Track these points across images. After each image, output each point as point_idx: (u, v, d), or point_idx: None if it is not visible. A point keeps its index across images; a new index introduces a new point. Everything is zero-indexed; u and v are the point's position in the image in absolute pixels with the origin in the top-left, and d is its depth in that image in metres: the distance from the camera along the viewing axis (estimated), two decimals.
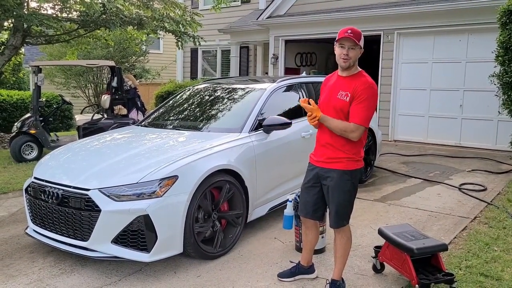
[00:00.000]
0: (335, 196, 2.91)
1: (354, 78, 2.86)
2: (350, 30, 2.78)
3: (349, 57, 2.80)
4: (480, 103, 8.56)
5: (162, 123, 4.94)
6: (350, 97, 2.80)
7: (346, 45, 2.80)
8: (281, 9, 11.40)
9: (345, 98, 2.82)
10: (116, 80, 8.35)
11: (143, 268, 3.53)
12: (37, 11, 9.21)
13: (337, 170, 2.89)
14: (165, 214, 3.31)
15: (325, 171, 2.94)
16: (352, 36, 2.76)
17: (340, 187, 2.89)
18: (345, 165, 2.88)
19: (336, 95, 2.86)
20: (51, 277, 3.39)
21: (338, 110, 2.84)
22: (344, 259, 3.06)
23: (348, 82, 2.86)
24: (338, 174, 2.88)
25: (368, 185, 6.06)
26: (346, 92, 2.82)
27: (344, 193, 2.91)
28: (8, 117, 11.67)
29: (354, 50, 2.80)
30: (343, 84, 2.88)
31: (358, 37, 2.78)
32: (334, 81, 2.96)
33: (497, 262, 3.53)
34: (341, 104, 2.83)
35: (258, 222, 4.45)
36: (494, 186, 5.86)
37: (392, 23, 9.49)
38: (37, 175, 3.83)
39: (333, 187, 2.91)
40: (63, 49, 14.13)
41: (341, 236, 3.02)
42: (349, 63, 2.82)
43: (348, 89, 2.82)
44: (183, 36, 10.43)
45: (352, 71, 2.89)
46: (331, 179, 2.90)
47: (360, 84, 2.81)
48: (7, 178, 6.34)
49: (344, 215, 2.96)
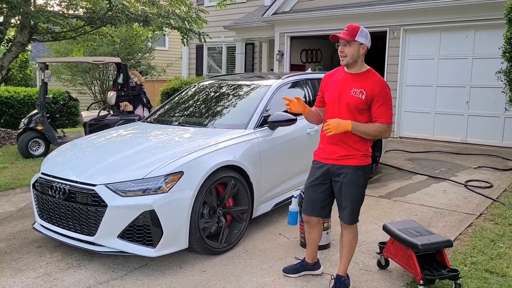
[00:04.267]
0: (350, 192, 2.92)
1: (365, 76, 2.86)
2: (346, 28, 2.81)
3: (345, 54, 2.82)
4: (487, 99, 8.51)
5: (167, 120, 4.96)
6: (366, 96, 2.80)
7: (341, 42, 2.83)
8: (287, 5, 11.37)
9: (360, 96, 2.82)
10: (122, 77, 8.39)
11: (149, 263, 3.56)
12: (43, 8, 9.27)
13: (351, 166, 2.89)
14: (170, 209, 3.34)
15: (337, 167, 2.93)
16: (345, 32, 2.79)
17: (354, 183, 2.90)
18: (359, 161, 2.90)
19: (349, 92, 2.85)
20: (58, 271, 3.43)
21: (352, 106, 2.83)
22: (350, 255, 3.07)
23: (360, 79, 2.86)
24: (352, 170, 2.89)
25: (373, 181, 6.06)
26: (360, 90, 2.82)
27: (358, 189, 2.93)
28: (15, 113, 11.76)
29: (350, 47, 2.80)
30: (354, 81, 2.87)
31: (352, 33, 2.78)
32: (342, 77, 2.94)
33: (503, 259, 3.53)
34: (356, 101, 2.83)
35: (263, 218, 4.46)
36: (500, 183, 5.83)
37: (398, 19, 9.45)
38: (44, 170, 3.87)
39: (347, 183, 2.91)
40: (70, 46, 14.19)
41: (348, 232, 3.02)
42: (346, 60, 2.83)
43: (362, 87, 2.82)
44: (188, 33, 10.44)
45: (361, 69, 2.88)
46: (345, 175, 2.90)
47: (377, 84, 2.83)
48: (15, 174, 6.40)
49: (358, 210, 2.99)
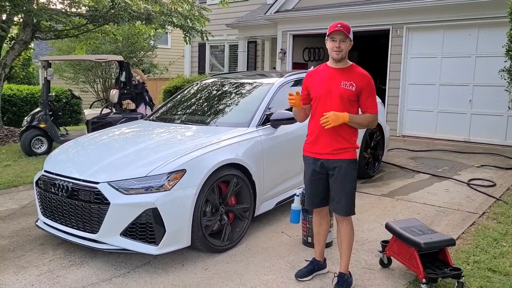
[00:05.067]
0: (345, 185, 2.99)
1: (352, 70, 3.02)
2: (340, 24, 2.93)
3: (341, 49, 2.94)
4: (490, 98, 8.48)
5: (170, 118, 4.97)
6: (356, 88, 2.95)
7: (337, 38, 2.94)
8: (289, 3, 11.35)
9: (350, 88, 2.95)
10: (124, 75, 8.39)
11: (151, 260, 3.57)
12: (46, 6, 9.28)
13: (346, 160, 2.99)
14: (173, 207, 3.34)
15: (331, 162, 3.01)
16: (342, 29, 2.91)
17: (348, 176, 3.00)
18: (351, 154, 3.02)
19: (339, 85, 2.97)
20: (61, 268, 3.44)
21: (344, 98, 2.95)
22: (350, 250, 3.09)
23: (347, 73, 3.00)
24: (346, 163, 2.99)
25: (376, 180, 6.05)
26: (350, 82, 2.96)
27: (352, 181, 3.03)
28: (18, 111, 11.78)
29: (345, 43, 2.95)
30: (342, 75, 3.00)
31: (348, 30, 2.94)
32: (328, 73, 3.05)
33: (506, 258, 3.52)
34: (348, 93, 2.95)
35: (265, 216, 4.47)
36: (503, 182, 5.81)
37: (401, 18, 9.42)
38: (47, 168, 3.88)
39: (342, 177, 2.99)
40: (72, 44, 14.23)
41: (345, 225, 3.07)
42: (341, 55, 2.96)
43: (351, 79, 2.97)
44: (191, 31, 10.45)
45: (347, 63, 3.04)
46: (340, 169, 2.98)
47: (364, 77, 2.99)
48: (18, 171, 6.42)
49: (354, 202, 3.06)
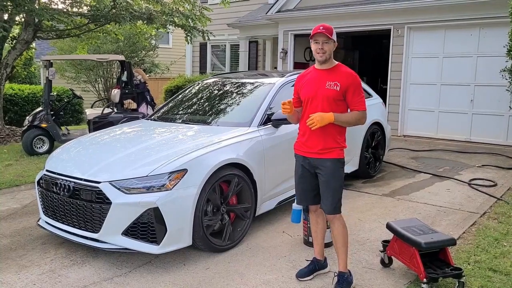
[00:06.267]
0: (332, 184, 3.05)
1: (337, 70, 3.07)
2: (322, 27, 2.99)
3: (324, 51, 3.01)
4: (491, 98, 8.48)
5: (171, 117, 4.98)
6: (341, 87, 3.00)
7: (320, 40, 2.99)
8: (291, 3, 11.34)
9: (335, 88, 3.01)
10: (125, 74, 8.40)
11: (152, 260, 3.58)
12: (48, 5, 9.29)
13: (332, 159, 3.06)
14: (174, 207, 3.35)
15: (319, 161, 3.07)
16: (324, 31, 2.96)
17: (335, 175, 3.06)
18: (338, 153, 3.07)
19: (324, 86, 3.03)
20: (63, 267, 3.46)
21: (330, 98, 3.01)
22: (345, 248, 3.11)
23: (332, 73, 3.05)
24: (333, 162, 3.05)
25: (377, 180, 6.05)
26: (334, 82, 3.02)
27: (338, 180, 3.08)
28: (19, 111, 11.81)
29: (328, 44, 3.01)
30: (327, 75, 3.05)
31: (330, 32, 2.99)
32: (315, 75, 3.12)
33: (506, 258, 3.52)
34: (333, 93, 3.01)
35: (266, 216, 4.47)
36: (504, 182, 5.81)
37: (402, 17, 9.41)
38: (49, 168, 3.89)
39: (328, 176, 3.05)
40: (74, 44, 14.23)
41: (337, 224, 3.10)
42: (325, 57, 3.02)
43: (336, 79, 3.02)
44: (192, 30, 10.45)
45: (332, 64, 3.08)
46: (326, 168, 3.05)
47: (349, 75, 3.04)
48: (19, 171, 6.43)
49: (340, 200, 3.10)
